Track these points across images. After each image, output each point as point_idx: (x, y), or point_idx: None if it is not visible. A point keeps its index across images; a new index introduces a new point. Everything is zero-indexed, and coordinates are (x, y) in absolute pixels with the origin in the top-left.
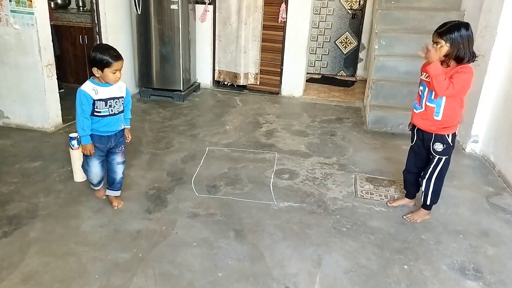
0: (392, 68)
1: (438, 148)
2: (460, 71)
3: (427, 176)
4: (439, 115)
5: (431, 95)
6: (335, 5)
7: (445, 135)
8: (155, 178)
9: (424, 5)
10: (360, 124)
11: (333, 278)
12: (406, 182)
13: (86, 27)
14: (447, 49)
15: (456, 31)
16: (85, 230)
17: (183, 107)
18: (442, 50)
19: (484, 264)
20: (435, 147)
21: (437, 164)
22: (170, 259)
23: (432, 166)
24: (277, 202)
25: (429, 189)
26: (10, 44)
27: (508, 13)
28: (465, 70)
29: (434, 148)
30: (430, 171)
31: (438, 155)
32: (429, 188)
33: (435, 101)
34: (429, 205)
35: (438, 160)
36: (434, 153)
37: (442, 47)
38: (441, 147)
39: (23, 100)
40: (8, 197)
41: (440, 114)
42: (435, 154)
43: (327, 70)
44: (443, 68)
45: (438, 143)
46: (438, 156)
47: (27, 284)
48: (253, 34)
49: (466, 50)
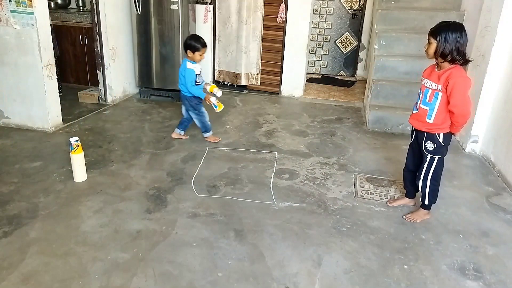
0: (392, 68)
1: (429, 146)
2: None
3: (422, 177)
4: (431, 118)
5: (426, 98)
6: (335, 5)
7: (435, 134)
8: (155, 178)
9: (424, 5)
10: (360, 124)
11: (333, 278)
12: (405, 180)
13: (86, 27)
14: (435, 46)
15: (444, 30)
16: (85, 230)
17: None
18: (431, 47)
19: (484, 264)
20: (426, 146)
21: (430, 164)
22: (170, 259)
23: (425, 166)
24: (277, 202)
25: (426, 189)
26: (10, 44)
27: (508, 13)
28: (457, 80)
29: (425, 146)
30: (424, 171)
31: (430, 154)
32: (426, 189)
33: (429, 104)
34: (427, 205)
35: (431, 159)
36: (425, 152)
37: (431, 45)
38: (432, 145)
39: (23, 100)
40: (8, 197)
41: (432, 117)
42: (427, 153)
43: (327, 70)
44: (436, 72)
45: (429, 142)
46: (430, 155)
47: (27, 284)
48: (253, 34)
49: (453, 49)
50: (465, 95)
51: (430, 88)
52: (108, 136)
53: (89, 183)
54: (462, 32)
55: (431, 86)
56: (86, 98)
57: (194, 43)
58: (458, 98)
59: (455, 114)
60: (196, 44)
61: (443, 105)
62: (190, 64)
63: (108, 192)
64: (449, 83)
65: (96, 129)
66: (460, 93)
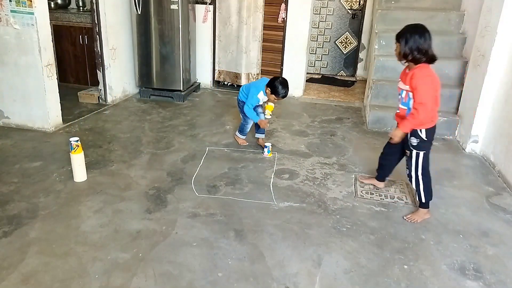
0: (392, 68)
1: (414, 142)
2: (414, 85)
3: (413, 175)
4: None
5: (402, 99)
6: (335, 5)
7: (417, 130)
8: (155, 178)
9: (424, 5)
10: (360, 124)
11: (333, 278)
12: (379, 165)
13: (86, 27)
14: (398, 48)
15: (404, 32)
16: (85, 230)
17: (183, 107)
18: (396, 51)
19: (484, 264)
20: (411, 141)
21: (417, 160)
22: (170, 259)
23: (413, 163)
24: (277, 202)
25: (419, 186)
26: (10, 44)
27: (508, 13)
28: (418, 81)
29: (410, 142)
30: (413, 169)
31: (415, 150)
32: (419, 186)
33: (405, 103)
34: (425, 203)
35: (416, 155)
36: (411, 147)
37: (396, 48)
38: (416, 141)
39: (23, 100)
40: (8, 197)
41: None
42: (412, 149)
43: (327, 70)
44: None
45: (412, 137)
46: (415, 151)
47: (27, 284)
48: (253, 34)
49: (413, 49)
50: (425, 95)
51: (403, 89)
52: (108, 136)
53: (89, 183)
54: (421, 33)
55: (404, 87)
56: (86, 98)
57: (279, 90)
58: (417, 98)
59: (415, 112)
60: (280, 91)
61: None
62: (262, 95)
63: (108, 192)
64: (412, 83)
65: (96, 129)
66: (419, 93)
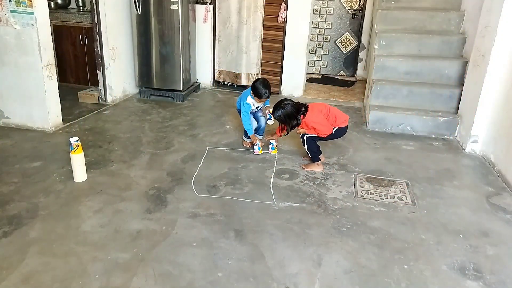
0: (392, 68)
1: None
2: (311, 125)
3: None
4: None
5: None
6: (335, 5)
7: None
8: (155, 178)
9: (424, 5)
10: (360, 124)
11: (333, 278)
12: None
13: (86, 27)
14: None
15: (274, 113)
16: (85, 230)
17: (183, 107)
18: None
19: (484, 264)
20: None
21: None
22: (170, 259)
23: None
24: (277, 202)
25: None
26: (10, 44)
27: (508, 13)
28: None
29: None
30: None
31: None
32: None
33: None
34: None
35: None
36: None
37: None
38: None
39: (23, 100)
40: (8, 197)
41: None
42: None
43: (327, 70)
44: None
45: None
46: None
47: (27, 284)
48: (253, 34)
49: (285, 120)
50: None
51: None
52: (108, 136)
53: (89, 183)
54: (283, 107)
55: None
56: (86, 98)
57: (259, 91)
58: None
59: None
60: (260, 92)
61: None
62: (250, 98)
63: (108, 192)
64: (308, 126)
65: (96, 129)
66: (315, 124)
